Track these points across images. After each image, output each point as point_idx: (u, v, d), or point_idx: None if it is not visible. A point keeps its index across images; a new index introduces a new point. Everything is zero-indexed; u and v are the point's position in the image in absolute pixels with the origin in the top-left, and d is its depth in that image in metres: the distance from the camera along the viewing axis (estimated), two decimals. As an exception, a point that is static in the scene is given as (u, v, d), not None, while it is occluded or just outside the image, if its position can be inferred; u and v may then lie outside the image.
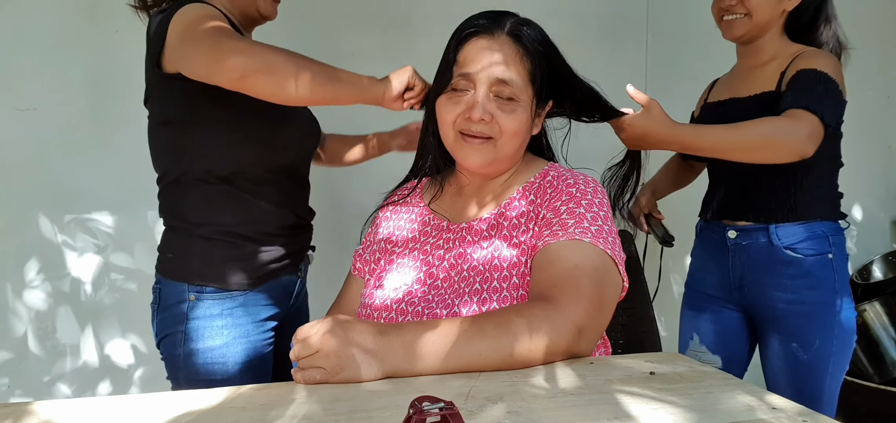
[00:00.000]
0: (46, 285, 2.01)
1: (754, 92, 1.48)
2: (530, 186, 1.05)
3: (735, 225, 1.53)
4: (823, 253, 1.46)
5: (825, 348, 1.44)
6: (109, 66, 1.99)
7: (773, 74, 1.46)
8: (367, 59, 2.21)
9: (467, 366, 0.78)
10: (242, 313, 1.26)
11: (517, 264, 0.97)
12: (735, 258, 1.53)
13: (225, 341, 1.24)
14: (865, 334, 2.49)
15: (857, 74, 2.79)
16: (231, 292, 1.25)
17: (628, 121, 1.27)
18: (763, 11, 1.44)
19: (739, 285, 1.54)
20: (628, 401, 0.68)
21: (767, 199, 1.47)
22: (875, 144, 2.85)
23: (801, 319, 1.45)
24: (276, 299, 1.32)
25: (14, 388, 2.01)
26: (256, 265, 1.27)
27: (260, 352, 1.29)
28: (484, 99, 1.00)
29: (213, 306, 1.24)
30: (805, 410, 0.64)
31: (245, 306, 1.26)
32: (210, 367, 1.24)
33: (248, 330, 1.26)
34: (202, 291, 1.24)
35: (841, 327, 1.46)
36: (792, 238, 1.46)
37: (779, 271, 1.46)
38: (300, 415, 0.66)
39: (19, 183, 1.97)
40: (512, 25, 1.02)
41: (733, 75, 1.61)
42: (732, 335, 1.61)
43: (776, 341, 1.50)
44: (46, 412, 0.69)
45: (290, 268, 1.35)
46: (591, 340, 0.87)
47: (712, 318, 1.62)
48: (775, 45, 1.49)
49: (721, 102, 1.58)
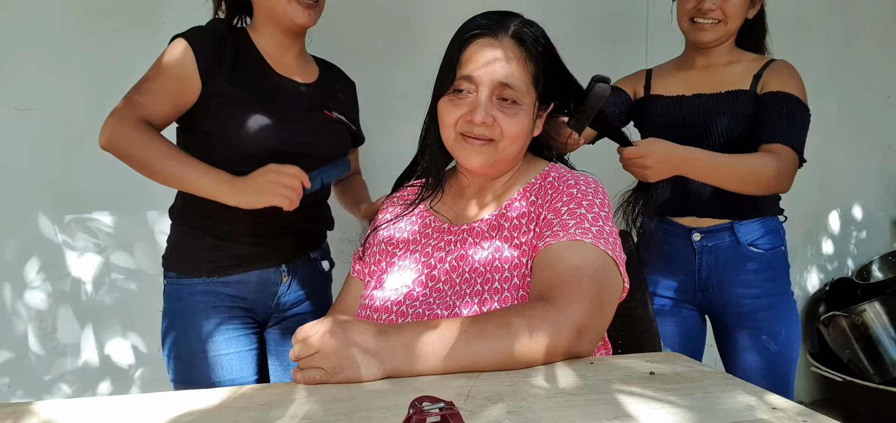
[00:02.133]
0: (47, 284, 2.01)
1: (725, 89, 1.54)
2: (531, 187, 1.05)
3: (699, 227, 1.57)
4: (778, 246, 1.56)
5: (790, 335, 1.54)
6: (109, 67, 1.98)
7: (744, 73, 1.54)
8: (367, 59, 2.21)
9: (467, 366, 0.78)
10: (201, 297, 1.35)
11: (518, 264, 0.97)
12: (702, 260, 1.57)
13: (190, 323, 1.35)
14: (865, 334, 2.49)
15: (857, 73, 2.82)
16: (190, 279, 1.36)
17: (647, 150, 1.34)
18: (736, 20, 1.53)
19: (705, 285, 1.59)
20: (628, 401, 0.68)
21: (732, 196, 1.50)
22: (875, 144, 2.85)
23: (768, 311, 1.53)
24: (247, 291, 1.39)
25: (14, 388, 2.01)
26: (218, 256, 1.36)
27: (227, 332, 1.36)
28: (486, 101, 1.00)
29: (179, 289, 1.37)
30: (805, 410, 0.64)
31: (204, 293, 1.36)
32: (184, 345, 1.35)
33: (207, 315, 1.35)
34: (170, 277, 1.39)
35: (796, 315, 1.57)
36: (752, 235, 1.54)
37: (744, 267, 1.53)
38: (300, 415, 0.66)
39: (19, 183, 1.97)
40: (515, 27, 1.02)
41: (685, 70, 1.63)
42: (693, 335, 1.67)
43: (745, 337, 1.56)
44: (47, 412, 0.69)
45: (264, 263, 1.40)
46: (591, 340, 0.87)
47: (675, 320, 1.66)
48: (732, 50, 1.59)
49: (683, 97, 1.59)
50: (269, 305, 1.43)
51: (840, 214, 2.84)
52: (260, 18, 1.37)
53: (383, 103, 2.12)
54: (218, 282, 1.36)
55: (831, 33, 2.76)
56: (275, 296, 1.42)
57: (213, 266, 1.36)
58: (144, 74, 1.30)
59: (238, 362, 1.37)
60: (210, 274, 1.36)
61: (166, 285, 1.41)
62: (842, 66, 2.76)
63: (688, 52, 1.64)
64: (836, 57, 2.76)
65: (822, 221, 2.81)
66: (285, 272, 1.42)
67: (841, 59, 2.77)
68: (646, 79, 1.71)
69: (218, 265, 1.36)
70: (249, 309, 1.41)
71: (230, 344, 1.36)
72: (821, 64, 2.69)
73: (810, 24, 2.71)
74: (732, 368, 1.60)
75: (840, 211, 2.84)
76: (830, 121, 2.67)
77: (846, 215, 2.86)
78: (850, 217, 2.87)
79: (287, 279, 1.43)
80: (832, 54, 2.75)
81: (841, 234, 2.86)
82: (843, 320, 2.52)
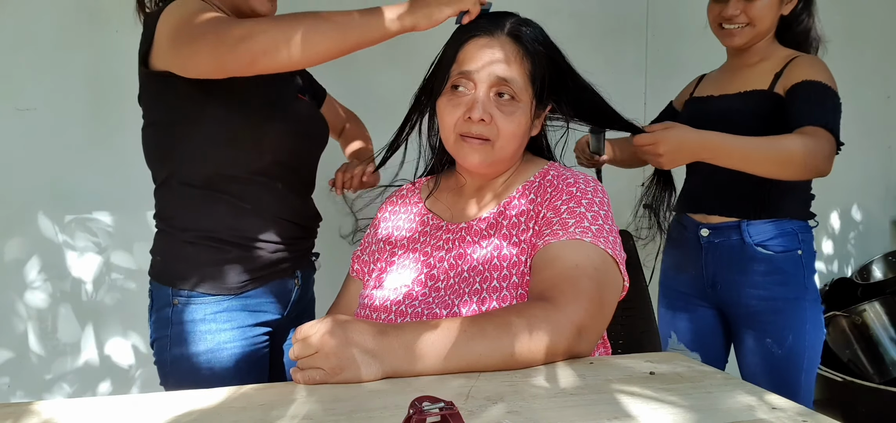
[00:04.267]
0: (47, 284, 2.01)
1: (744, 89, 1.51)
2: (530, 186, 1.05)
3: (708, 223, 1.55)
4: (793, 250, 1.50)
5: (798, 343, 1.48)
6: (109, 67, 1.98)
7: (764, 72, 1.50)
8: (367, 59, 2.21)
9: (467, 366, 0.78)
10: (226, 319, 1.22)
11: (517, 263, 0.97)
12: (708, 257, 1.56)
13: (209, 347, 1.21)
14: (865, 334, 2.49)
15: (857, 73, 2.81)
16: (216, 297, 1.21)
17: (660, 137, 1.28)
18: (765, 21, 1.48)
19: (712, 283, 1.57)
20: (628, 401, 0.68)
21: (741, 195, 1.49)
22: (875, 144, 2.85)
23: (774, 315, 1.49)
24: (268, 304, 1.28)
25: (15, 388, 2.01)
26: (242, 270, 1.23)
27: (249, 357, 1.25)
28: (484, 98, 1.00)
29: (197, 310, 1.21)
30: (805, 410, 0.65)
31: (230, 311, 1.22)
32: (197, 373, 1.20)
33: (233, 335, 1.22)
34: (185, 295, 1.21)
35: (812, 322, 1.50)
36: (763, 235, 1.49)
37: (751, 268, 1.50)
38: (300, 415, 0.66)
39: (19, 183, 1.97)
40: (512, 26, 1.02)
41: (722, 72, 1.64)
42: (708, 333, 1.64)
43: (751, 338, 1.53)
44: (47, 412, 0.69)
45: (284, 272, 1.31)
46: (591, 340, 0.87)
47: (688, 316, 1.65)
48: (767, 48, 1.54)
49: (708, 97, 1.60)
50: (282, 315, 1.34)
51: (840, 214, 2.84)
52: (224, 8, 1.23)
53: (383, 104, 2.12)
54: (242, 299, 1.24)
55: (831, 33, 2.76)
56: (288, 305, 1.35)
57: (237, 281, 1.23)
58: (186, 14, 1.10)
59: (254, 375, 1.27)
60: (233, 291, 1.23)
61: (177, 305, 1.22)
62: (841, 67, 2.76)
63: (728, 53, 1.63)
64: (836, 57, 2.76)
65: (823, 221, 2.81)
66: (299, 279, 1.36)
67: (841, 59, 2.77)
68: (696, 83, 1.70)
69: (242, 281, 1.24)
70: (268, 325, 1.31)
71: (253, 366, 1.26)
72: (821, 64, 2.69)
73: (810, 24, 2.71)
74: (741, 369, 1.59)
75: (840, 211, 2.84)
76: (830, 121, 2.67)
77: (846, 215, 2.86)
78: (850, 217, 2.87)
79: (299, 284, 1.37)
80: (832, 54, 2.75)
81: (841, 234, 2.86)
82: (843, 320, 2.52)
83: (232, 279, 1.22)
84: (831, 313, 2.54)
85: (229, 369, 1.22)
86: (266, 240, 1.25)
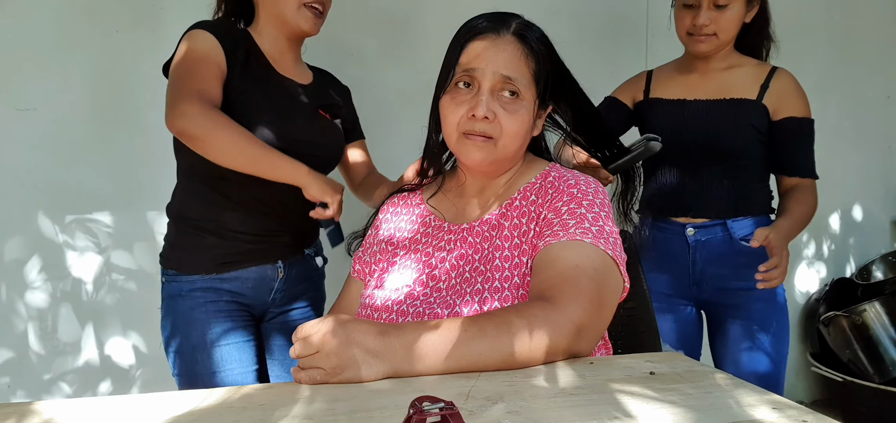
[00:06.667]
0: (47, 284, 2.01)
1: (728, 96, 1.61)
2: (531, 187, 1.05)
3: (693, 223, 1.65)
4: None
5: (780, 327, 1.63)
6: (109, 67, 1.98)
7: (747, 80, 1.61)
8: (367, 60, 2.21)
9: (468, 366, 0.79)
10: (201, 293, 1.38)
11: (518, 264, 0.97)
12: (696, 254, 1.65)
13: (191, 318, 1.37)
14: (865, 334, 2.49)
15: (857, 74, 2.82)
16: (190, 276, 1.38)
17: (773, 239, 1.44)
18: (730, 32, 1.59)
19: (698, 280, 1.66)
20: (628, 401, 0.68)
21: (724, 197, 1.62)
22: (875, 144, 2.85)
23: (760, 302, 1.61)
24: (245, 288, 1.42)
25: (15, 388, 2.02)
26: (217, 253, 1.38)
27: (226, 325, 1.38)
28: (487, 96, 1.00)
29: (178, 286, 1.39)
30: (805, 410, 0.65)
31: (204, 289, 1.38)
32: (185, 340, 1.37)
33: (207, 310, 1.37)
34: (169, 274, 1.41)
35: (785, 307, 1.66)
36: (744, 231, 1.61)
37: (737, 261, 1.60)
38: (301, 415, 0.66)
39: (19, 183, 1.97)
40: (517, 26, 1.02)
41: (684, 73, 1.69)
42: (690, 330, 1.73)
43: (738, 327, 1.64)
44: (47, 412, 0.69)
45: (262, 260, 1.42)
46: (591, 340, 0.87)
47: (673, 317, 1.72)
48: (730, 53, 1.65)
49: (681, 100, 1.65)
50: (266, 301, 1.47)
51: (840, 214, 2.85)
52: (265, 20, 1.41)
53: (383, 105, 2.13)
54: (217, 279, 1.39)
55: (831, 34, 2.76)
56: (271, 292, 1.46)
57: (212, 263, 1.39)
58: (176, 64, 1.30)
59: (238, 353, 1.40)
60: (209, 271, 1.38)
61: (165, 282, 1.43)
62: (842, 67, 2.76)
63: (687, 55, 1.69)
64: (837, 57, 2.76)
65: (822, 221, 2.81)
66: (281, 268, 1.46)
67: (841, 59, 2.77)
68: (646, 82, 1.74)
69: (218, 263, 1.39)
70: (247, 305, 1.44)
71: (229, 336, 1.39)
72: (821, 64, 2.69)
73: (810, 24, 2.71)
74: (722, 360, 1.67)
75: (840, 211, 2.84)
76: (830, 121, 2.66)
77: (846, 215, 2.86)
78: (850, 217, 2.87)
79: (283, 275, 1.46)
80: (832, 55, 2.75)
81: (841, 234, 2.86)
82: (843, 320, 2.52)
83: (205, 261, 1.38)
84: (831, 313, 2.54)
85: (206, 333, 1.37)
86: (242, 232, 1.39)
